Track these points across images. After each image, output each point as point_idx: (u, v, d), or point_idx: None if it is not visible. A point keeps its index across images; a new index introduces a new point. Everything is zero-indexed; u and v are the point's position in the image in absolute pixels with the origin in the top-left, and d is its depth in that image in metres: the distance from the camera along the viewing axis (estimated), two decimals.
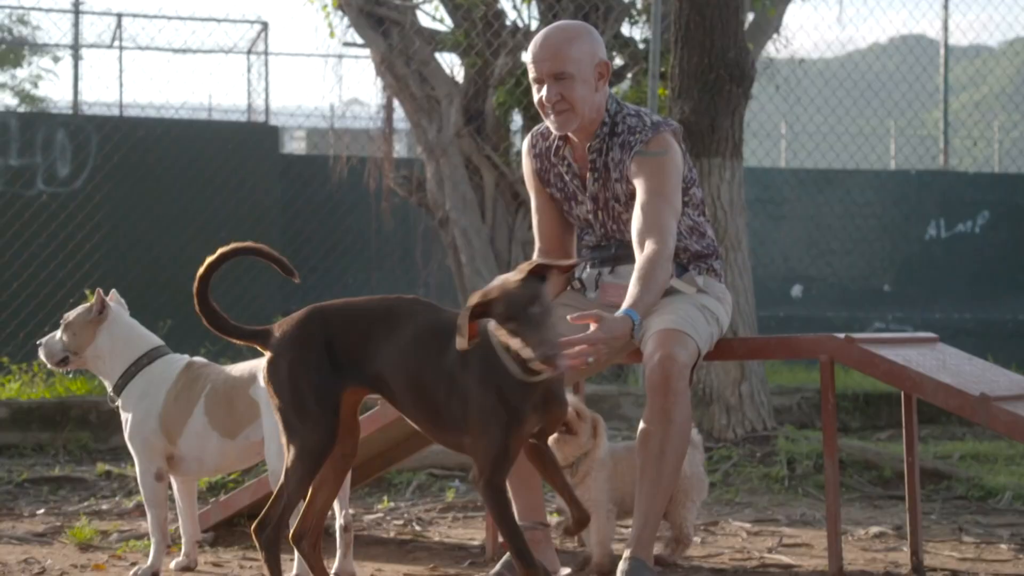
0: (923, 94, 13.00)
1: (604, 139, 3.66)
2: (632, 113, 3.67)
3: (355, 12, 9.02)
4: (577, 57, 3.58)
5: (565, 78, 3.58)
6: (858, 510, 5.23)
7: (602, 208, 3.70)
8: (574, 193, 3.74)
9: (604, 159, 3.66)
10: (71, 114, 11.33)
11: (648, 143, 3.59)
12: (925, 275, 11.90)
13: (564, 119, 3.62)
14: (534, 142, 3.80)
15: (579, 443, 3.76)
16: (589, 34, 3.65)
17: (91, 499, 5.47)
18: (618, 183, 3.65)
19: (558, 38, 3.61)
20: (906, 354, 3.67)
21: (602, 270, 3.74)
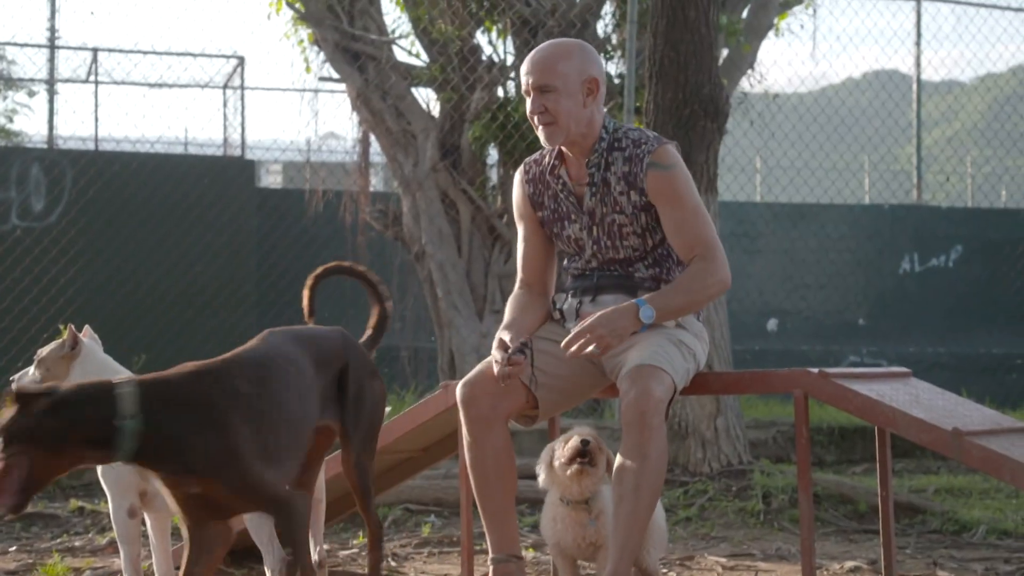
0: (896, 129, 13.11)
1: (603, 154, 3.68)
2: (628, 128, 3.74)
3: (331, 47, 9.05)
4: (564, 71, 3.63)
5: (549, 91, 3.63)
6: (833, 544, 5.24)
7: (598, 224, 3.69)
8: (567, 212, 3.74)
9: (603, 174, 3.67)
10: (46, 148, 11.30)
11: (656, 153, 3.64)
12: (899, 309, 11.96)
13: (549, 132, 3.66)
14: (527, 168, 3.83)
15: (598, 475, 3.73)
16: (581, 51, 3.69)
17: (64, 536, 5.43)
18: (623, 195, 3.65)
19: (548, 52, 3.69)
20: (879, 389, 3.68)
21: (583, 299, 3.74)
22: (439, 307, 8.76)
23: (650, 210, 3.67)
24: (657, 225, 3.68)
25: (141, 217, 10.08)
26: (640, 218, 3.66)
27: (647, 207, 3.66)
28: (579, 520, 3.74)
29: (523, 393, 3.64)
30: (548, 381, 3.68)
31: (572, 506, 3.74)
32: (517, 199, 3.83)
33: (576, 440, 3.68)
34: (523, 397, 3.65)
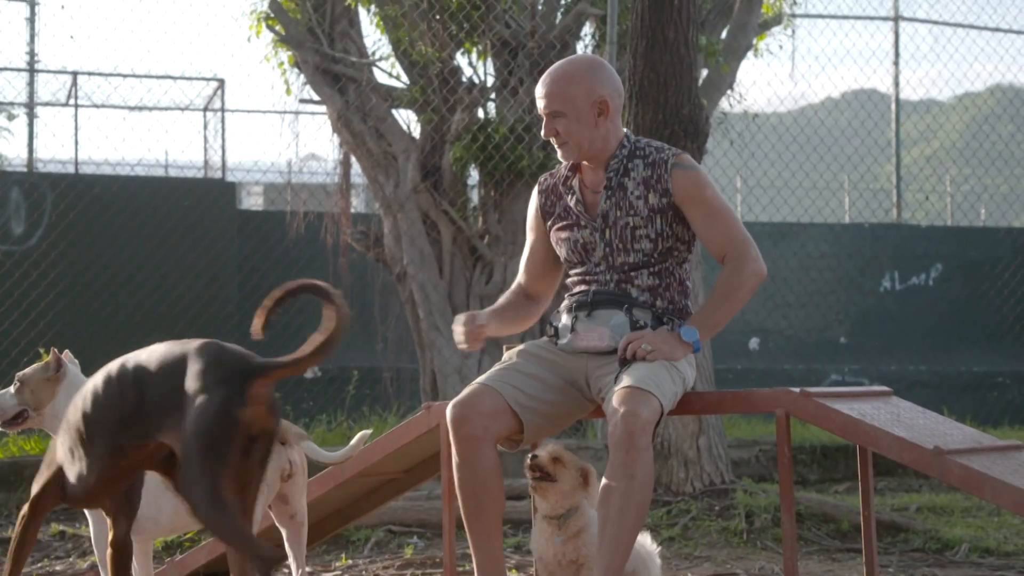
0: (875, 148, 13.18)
1: (623, 160, 3.76)
2: (647, 141, 3.84)
3: (311, 69, 9.06)
4: (572, 95, 3.70)
5: (559, 116, 3.72)
6: (816, 563, 5.24)
7: (611, 226, 3.74)
8: (576, 219, 3.80)
9: (620, 179, 3.75)
10: (26, 172, 11.27)
11: (679, 156, 3.75)
12: (880, 327, 12.00)
13: (565, 151, 3.78)
14: (542, 181, 3.94)
15: (562, 491, 3.74)
16: (591, 71, 3.75)
17: (44, 560, 5.40)
18: (639, 199, 3.72)
19: (558, 76, 3.75)
20: (861, 408, 3.70)
21: (578, 314, 3.75)
22: (421, 328, 8.75)
23: (666, 213, 3.70)
24: (671, 230, 3.71)
25: (122, 240, 10.06)
26: (655, 221, 3.71)
27: (664, 210, 3.70)
28: (551, 535, 3.77)
29: (509, 418, 3.65)
30: (533, 405, 3.69)
31: (547, 521, 3.78)
32: (530, 211, 3.95)
33: (528, 459, 3.73)
34: (509, 422, 3.66)
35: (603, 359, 3.69)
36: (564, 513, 3.76)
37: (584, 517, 3.79)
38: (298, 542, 3.65)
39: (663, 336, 3.64)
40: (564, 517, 3.76)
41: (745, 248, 3.74)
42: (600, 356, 3.70)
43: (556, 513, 3.75)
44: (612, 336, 3.67)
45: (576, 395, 3.77)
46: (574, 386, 3.76)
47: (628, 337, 3.65)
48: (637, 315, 3.69)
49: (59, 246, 9.68)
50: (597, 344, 3.69)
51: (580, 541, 3.76)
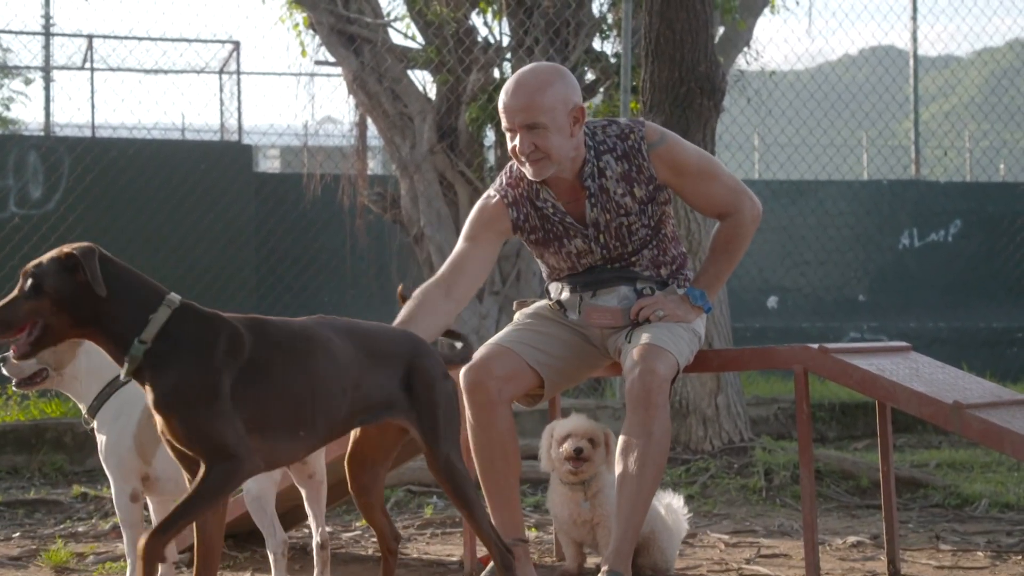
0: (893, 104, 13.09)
1: (594, 163, 3.63)
2: (601, 126, 3.68)
3: (326, 31, 9.03)
4: (550, 106, 3.52)
5: (538, 128, 3.52)
6: (835, 520, 5.25)
7: (604, 231, 3.66)
8: (564, 231, 3.68)
9: (599, 182, 3.63)
10: (43, 136, 11.28)
11: (646, 135, 3.63)
12: (899, 284, 11.96)
13: (540, 167, 3.56)
14: (504, 193, 3.70)
15: (594, 464, 3.79)
16: (562, 79, 3.57)
17: (67, 521, 5.44)
18: (625, 197, 3.63)
19: (530, 86, 3.53)
20: (879, 363, 3.69)
21: (583, 294, 3.74)
22: None
23: (655, 196, 3.67)
24: (659, 208, 3.69)
25: (139, 203, 10.07)
26: (648, 210, 3.66)
27: (652, 195, 3.65)
28: (575, 499, 3.83)
29: (528, 375, 3.66)
30: (551, 362, 3.70)
31: (569, 487, 3.84)
32: (491, 217, 3.70)
33: (570, 448, 3.76)
34: (528, 380, 3.67)
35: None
36: (589, 479, 3.80)
37: (601, 479, 3.81)
38: (318, 502, 3.66)
39: (675, 301, 3.64)
40: (588, 482, 3.80)
41: (739, 200, 3.70)
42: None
43: (582, 480, 3.80)
44: (624, 314, 3.67)
45: (592, 350, 3.78)
46: (589, 342, 3.77)
47: (640, 303, 3.64)
48: (642, 285, 3.69)
49: (76, 210, 9.70)
50: (611, 323, 3.70)
51: (596, 502, 3.80)
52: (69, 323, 2.78)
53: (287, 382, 2.85)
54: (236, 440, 2.74)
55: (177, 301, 2.81)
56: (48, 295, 2.77)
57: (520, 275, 8.74)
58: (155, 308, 2.79)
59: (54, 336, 2.80)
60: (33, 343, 2.79)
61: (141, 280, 2.83)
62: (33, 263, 2.82)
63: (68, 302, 2.77)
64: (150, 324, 2.77)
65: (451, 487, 3.06)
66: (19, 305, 2.78)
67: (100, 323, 2.78)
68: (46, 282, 2.77)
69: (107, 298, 2.76)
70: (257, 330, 2.87)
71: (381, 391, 3.01)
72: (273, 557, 3.52)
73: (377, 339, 3.07)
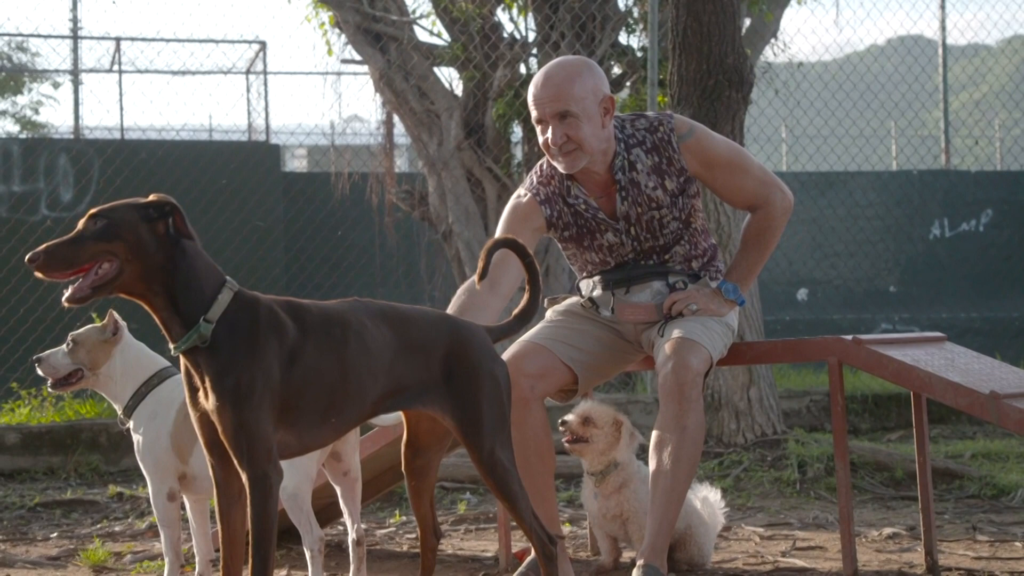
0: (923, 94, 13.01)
1: (624, 157, 3.63)
2: (630, 119, 3.68)
3: (352, 29, 9.04)
4: (581, 95, 3.53)
5: (569, 117, 3.53)
6: (870, 511, 5.23)
7: (635, 223, 3.66)
8: (596, 226, 3.68)
9: (629, 175, 3.63)
10: (72, 139, 11.35)
11: (675, 127, 3.62)
12: (930, 275, 11.90)
13: (572, 159, 3.57)
14: (536, 191, 3.70)
15: (597, 449, 3.78)
16: (590, 70, 3.58)
17: (103, 521, 5.47)
18: (656, 190, 3.63)
19: (560, 77, 3.55)
20: (914, 354, 3.67)
21: (615, 291, 3.74)
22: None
23: (686, 189, 3.66)
24: (690, 200, 3.68)
25: None
26: (678, 202, 3.66)
27: (683, 187, 3.65)
28: (594, 491, 3.85)
29: (561, 372, 3.66)
30: (584, 358, 3.70)
31: (590, 477, 3.86)
32: (524, 215, 3.69)
33: (559, 424, 3.79)
34: (561, 376, 3.67)
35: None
36: (603, 469, 3.80)
37: (625, 472, 3.80)
38: (352, 499, 3.67)
39: (708, 295, 3.63)
40: (603, 473, 3.80)
41: (769, 192, 3.69)
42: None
43: (595, 470, 3.81)
44: (657, 309, 3.67)
45: (625, 345, 3.78)
46: (622, 337, 3.77)
47: (672, 297, 3.64)
48: (674, 279, 3.69)
49: None
50: (644, 318, 3.70)
51: (622, 496, 3.79)
52: (137, 275, 2.69)
53: (321, 369, 2.83)
54: (267, 449, 2.74)
55: (236, 287, 2.80)
56: (123, 239, 2.68)
57: (549, 271, 8.74)
58: (218, 289, 2.76)
59: (117, 285, 2.70)
60: (93, 286, 2.68)
61: (206, 257, 2.81)
62: (105, 207, 2.74)
63: (143, 252, 2.68)
64: (216, 305, 2.74)
65: (494, 481, 3.00)
66: (84, 244, 2.67)
67: (166, 289, 2.72)
68: (123, 226, 2.68)
69: (180, 267, 2.71)
70: (297, 316, 2.85)
71: (413, 377, 2.95)
72: (310, 554, 3.54)
73: (413, 323, 3.00)
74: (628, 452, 3.82)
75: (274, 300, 2.86)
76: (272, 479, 2.75)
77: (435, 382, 2.98)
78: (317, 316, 2.88)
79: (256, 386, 2.72)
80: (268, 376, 2.74)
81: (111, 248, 2.68)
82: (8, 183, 9.94)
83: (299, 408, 2.81)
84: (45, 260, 2.67)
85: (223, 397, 2.72)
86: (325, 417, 2.86)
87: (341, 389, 2.86)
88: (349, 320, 2.91)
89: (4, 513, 5.71)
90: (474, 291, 3.54)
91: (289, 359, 2.78)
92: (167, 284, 2.73)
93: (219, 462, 2.84)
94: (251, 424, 2.72)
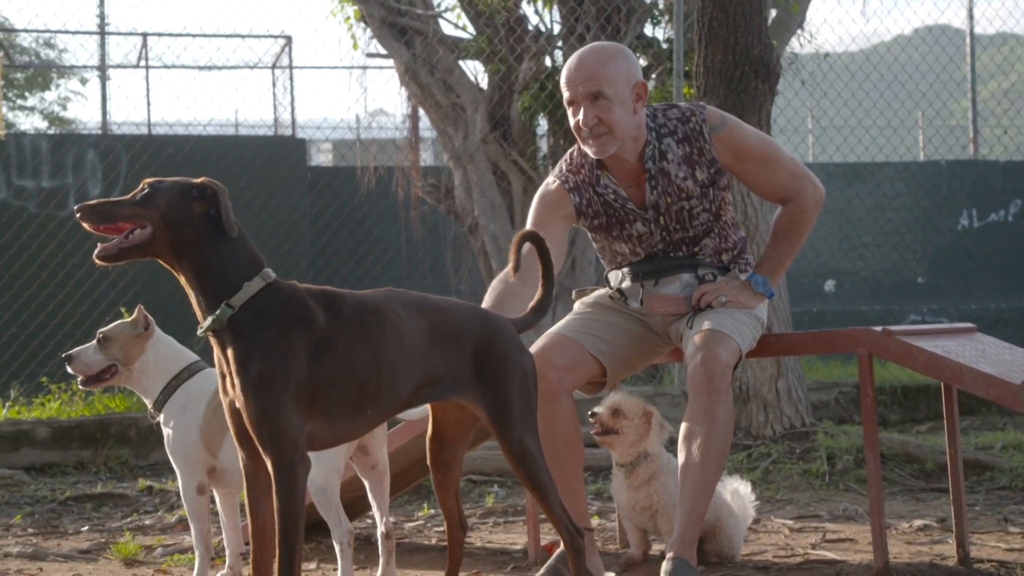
0: (950, 84, 12.93)
1: (655, 146, 3.62)
2: (662, 109, 3.67)
3: (377, 23, 9.05)
4: (614, 78, 3.52)
5: (601, 99, 3.52)
6: (900, 503, 5.20)
7: (664, 213, 3.65)
8: (624, 216, 3.67)
9: (660, 164, 3.62)
10: (100, 134, 11.41)
11: (707, 118, 3.61)
12: (959, 266, 11.83)
13: (603, 143, 3.56)
14: (565, 179, 3.69)
15: (627, 441, 3.78)
16: (624, 55, 3.58)
17: (134, 515, 5.50)
18: (686, 180, 3.62)
19: (593, 59, 3.55)
20: (945, 345, 3.64)
21: (644, 283, 3.73)
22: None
23: (716, 180, 3.65)
24: (721, 192, 3.67)
25: None
26: (709, 194, 3.65)
27: (714, 179, 3.64)
28: (624, 483, 3.84)
29: (590, 364, 3.66)
30: (612, 350, 3.69)
31: (619, 469, 3.86)
32: (554, 203, 3.68)
33: (589, 416, 3.79)
34: (590, 368, 3.66)
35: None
36: (632, 461, 3.79)
37: (655, 464, 3.80)
38: (381, 492, 3.67)
39: (737, 287, 3.62)
40: (632, 465, 3.80)
41: (801, 184, 3.67)
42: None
43: (625, 461, 3.80)
44: (686, 301, 3.66)
45: (653, 337, 3.77)
46: (650, 329, 3.76)
47: (702, 289, 3.63)
48: (704, 271, 3.68)
49: None
50: (673, 310, 3.69)
51: (652, 488, 3.78)
52: (167, 246, 2.80)
53: (354, 359, 2.84)
54: (292, 439, 2.75)
55: (272, 277, 2.83)
56: (158, 208, 2.79)
57: (576, 263, 8.73)
58: (251, 276, 2.80)
59: (147, 249, 2.80)
60: (121, 247, 2.79)
61: (247, 245, 2.85)
62: (158, 179, 2.87)
63: (173, 225, 2.79)
64: (242, 291, 2.78)
65: (524, 472, 3.02)
66: (123, 205, 2.82)
67: (196, 266, 2.80)
68: (161, 196, 2.81)
69: (214, 249, 2.79)
70: (330, 306, 2.86)
71: (447, 368, 2.97)
72: (339, 547, 3.54)
73: (446, 315, 3.02)
74: (658, 443, 3.81)
75: (309, 290, 2.88)
76: (298, 469, 2.76)
77: (466, 373, 2.99)
78: (352, 306, 2.89)
79: (278, 375, 2.74)
80: (292, 365, 2.75)
81: (145, 213, 2.80)
82: (37, 179, 10.00)
83: (331, 398, 2.81)
84: (88, 211, 2.83)
85: (246, 385, 2.75)
86: (359, 408, 2.87)
87: (375, 380, 2.87)
88: (384, 310, 2.92)
89: (35, 507, 5.75)
90: (508, 282, 3.53)
91: (317, 349, 2.79)
92: (197, 263, 2.80)
93: (249, 454, 2.85)
94: (274, 413, 2.73)
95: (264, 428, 2.74)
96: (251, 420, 2.75)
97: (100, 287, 9.35)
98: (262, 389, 2.73)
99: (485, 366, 3.00)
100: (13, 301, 9.26)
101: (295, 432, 2.76)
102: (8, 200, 10.00)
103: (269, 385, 2.73)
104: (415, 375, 2.93)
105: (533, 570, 3.85)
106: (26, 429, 6.86)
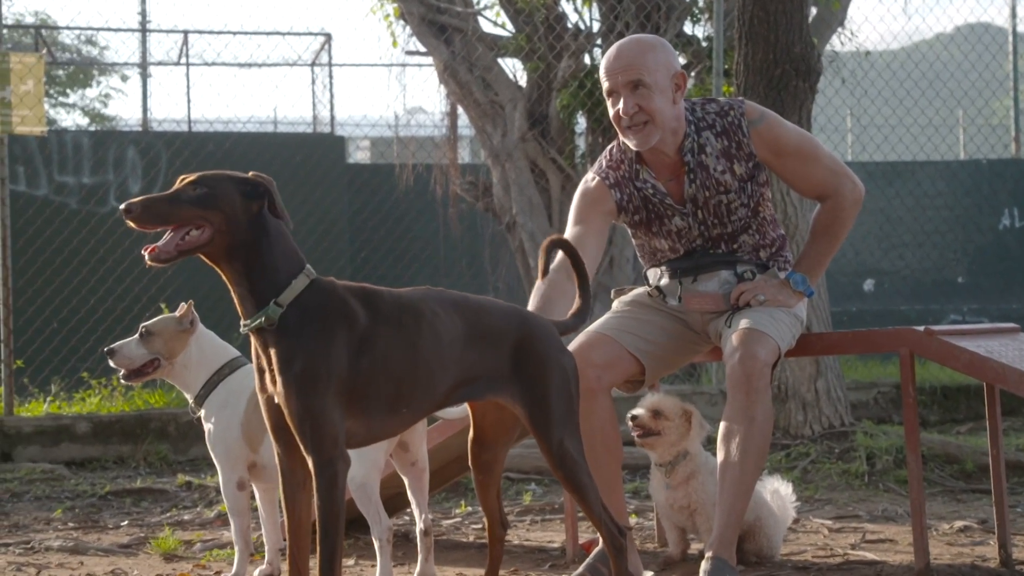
0: (992, 82, 12.82)
1: (694, 138, 3.61)
2: (701, 103, 3.66)
3: (417, 21, 9.07)
4: (653, 67, 3.53)
5: (641, 87, 3.52)
6: (941, 504, 5.17)
7: (702, 207, 3.64)
8: (663, 210, 3.66)
9: (698, 158, 3.61)
10: (141, 131, 11.49)
11: (746, 112, 3.60)
12: (1000, 265, 11.73)
13: (644, 133, 3.55)
14: (605, 175, 3.69)
15: (668, 441, 3.77)
16: (663, 45, 3.60)
17: (173, 510, 5.54)
18: (724, 174, 3.61)
19: (633, 49, 3.56)
20: (987, 345, 3.61)
21: (683, 280, 3.72)
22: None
23: (755, 175, 3.63)
24: (759, 187, 3.66)
25: None
26: (747, 188, 3.63)
27: (752, 173, 3.63)
28: (663, 482, 3.84)
29: (628, 362, 3.65)
30: (651, 349, 3.68)
31: (658, 468, 3.86)
32: (595, 199, 3.68)
33: (628, 419, 3.79)
34: (628, 366, 3.65)
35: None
36: (672, 460, 3.79)
37: (693, 463, 3.79)
38: (420, 489, 3.68)
39: (776, 286, 3.60)
40: (671, 464, 3.79)
41: (839, 182, 3.65)
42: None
43: (664, 460, 3.80)
44: (725, 299, 3.65)
45: (692, 336, 3.76)
46: (689, 328, 3.75)
47: (740, 287, 3.62)
48: (743, 269, 3.67)
49: None
50: (711, 308, 3.68)
51: (690, 487, 3.78)
52: (224, 247, 2.74)
53: (392, 357, 2.84)
54: (334, 437, 2.75)
55: (313, 274, 2.83)
56: (222, 211, 2.72)
57: (613, 261, 8.72)
58: (295, 274, 2.79)
59: (203, 250, 2.74)
60: (180, 249, 2.73)
61: (291, 243, 2.84)
62: (206, 173, 2.78)
63: (236, 227, 2.73)
64: (289, 289, 2.77)
65: (563, 473, 3.01)
66: (182, 205, 2.72)
67: (246, 266, 2.76)
68: (223, 198, 2.73)
69: (263, 247, 2.75)
70: (369, 304, 2.86)
71: (484, 367, 2.96)
72: (378, 543, 3.55)
73: (484, 314, 3.01)
74: (697, 442, 3.80)
75: (348, 287, 2.88)
76: (338, 467, 2.76)
77: (504, 373, 2.99)
78: (390, 304, 2.89)
79: (322, 373, 2.74)
80: (335, 363, 2.76)
81: (208, 216, 2.73)
82: (78, 175, 10.08)
83: (368, 396, 2.82)
84: (141, 211, 2.72)
85: (289, 383, 2.75)
86: (395, 406, 2.87)
87: (411, 378, 2.87)
88: (422, 309, 2.92)
89: (76, 501, 5.80)
90: (554, 280, 3.51)
91: (359, 347, 2.80)
92: (248, 261, 2.77)
93: (284, 449, 2.86)
94: (317, 411, 2.73)
95: (307, 426, 2.74)
96: (294, 417, 2.76)
97: (141, 283, 9.41)
98: (306, 387, 2.73)
99: (524, 366, 2.99)
100: (54, 296, 9.33)
101: (336, 430, 2.76)
102: (49, 196, 10.09)
103: (313, 383, 2.73)
104: (451, 374, 2.93)
105: (571, 568, 3.85)
106: (67, 424, 6.93)
